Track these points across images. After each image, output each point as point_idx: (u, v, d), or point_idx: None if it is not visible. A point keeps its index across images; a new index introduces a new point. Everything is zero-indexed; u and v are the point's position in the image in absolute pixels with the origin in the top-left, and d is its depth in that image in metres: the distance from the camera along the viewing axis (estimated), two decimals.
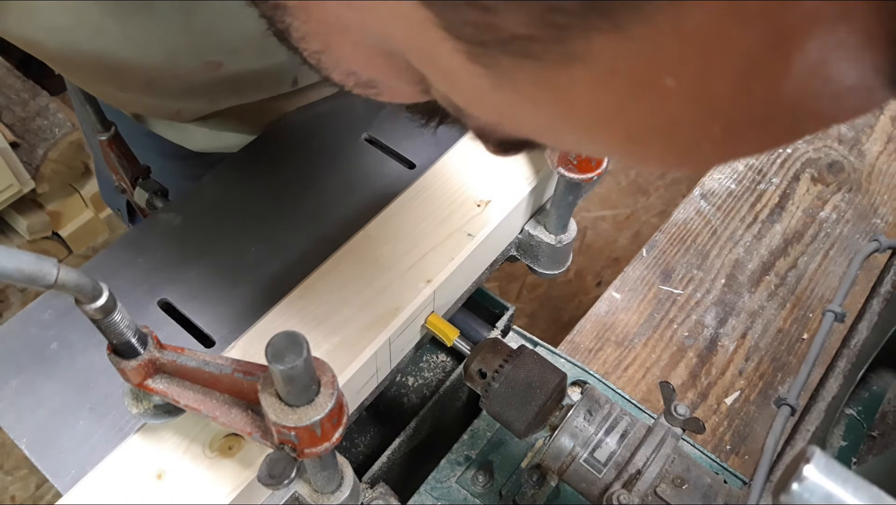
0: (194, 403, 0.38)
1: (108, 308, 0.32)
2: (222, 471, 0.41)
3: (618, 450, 0.49)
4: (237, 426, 0.37)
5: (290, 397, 0.32)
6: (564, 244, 0.58)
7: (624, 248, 2.02)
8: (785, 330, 0.87)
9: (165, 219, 0.56)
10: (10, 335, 0.50)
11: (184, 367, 0.37)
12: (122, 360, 0.36)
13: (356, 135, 0.62)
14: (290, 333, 0.30)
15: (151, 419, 0.40)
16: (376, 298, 0.49)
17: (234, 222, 0.56)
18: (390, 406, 0.67)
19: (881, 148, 1.05)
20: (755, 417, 0.80)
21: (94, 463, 0.42)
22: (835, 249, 0.94)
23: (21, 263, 0.26)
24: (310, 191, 0.58)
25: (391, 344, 0.49)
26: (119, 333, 0.34)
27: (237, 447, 0.42)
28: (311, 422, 0.33)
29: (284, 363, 0.30)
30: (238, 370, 0.36)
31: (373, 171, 0.60)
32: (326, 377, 0.33)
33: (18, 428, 0.46)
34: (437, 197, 0.54)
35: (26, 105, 1.70)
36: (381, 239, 0.52)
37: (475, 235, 0.52)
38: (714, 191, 1.00)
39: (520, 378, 0.50)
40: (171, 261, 0.54)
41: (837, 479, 0.27)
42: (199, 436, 0.42)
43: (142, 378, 0.37)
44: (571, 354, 0.83)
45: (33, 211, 1.76)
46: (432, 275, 0.50)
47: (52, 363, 0.48)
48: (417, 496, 0.62)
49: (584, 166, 0.50)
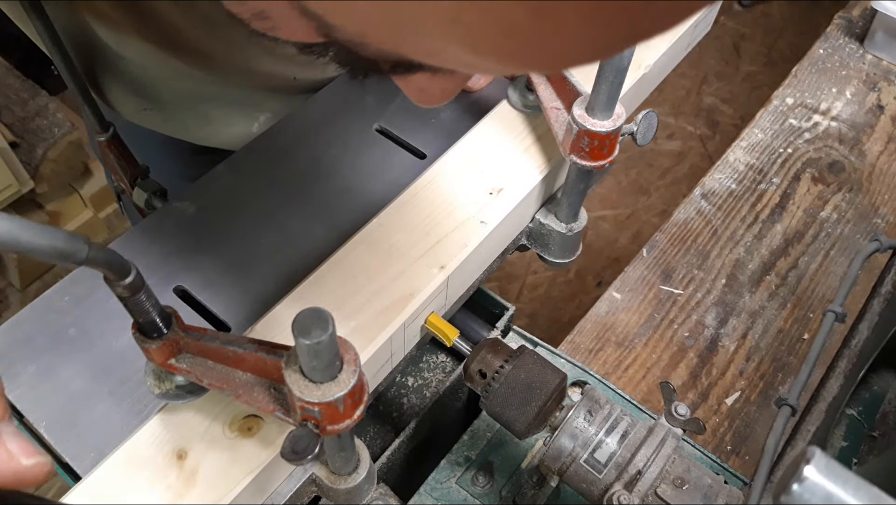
0: (217, 381, 0.38)
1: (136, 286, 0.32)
2: (242, 451, 0.42)
3: (618, 450, 0.48)
4: (260, 404, 0.37)
5: (315, 373, 0.33)
6: (575, 232, 0.58)
7: (624, 249, 2.02)
8: (785, 330, 0.87)
9: (179, 207, 0.57)
10: (29, 321, 0.50)
11: (207, 346, 0.38)
12: (146, 339, 0.36)
13: (367, 126, 0.63)
14: (316, 308, 0.31)
15: (173, 399, 0.41)
16: (390, 284, 0.49)
17: (248, 211, 0.57)
18: (390, 406, 0.67)
19: (882, 148, 1.05)
20: (756, 418, 0.80)
21: (112, 446, 0.42)
22: (835, 249, 0.94)
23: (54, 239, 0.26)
24: (322, 180, 0.59)
25: (406, 329, 0.49)
26: (145, 312, 0.35)
27: (256, 428, 0.43)
28: (334, 398, 0.33)
29: (311, 337, 0.30)
30: (261, 349, 0.37)
31: (384, 162, 0.61)
32: (349, 355, 0.34)
33: (37, 412, 0.47)
34: (449, 185, 0.55)
35: (26, 105, 1.70)
36: (394, 227, 0.52)
37: (488, 222, 0.53)
38: (714, 191, 1.00)
39: (520, 378, 0.50)
40: (186, 248, 0.55)
41: (838, 479, 0.27)
42: (220, 417, 0.43)
43: (166, 357, 0.38)
44: (571, 354, 0.83)
45: (32, 211, 1.76)
46: (446, 261, 0.50)
47: (71, 348, 0.49)
48: (417, 497, 0.62)
49: (597, 153, 0.50)
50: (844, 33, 1.18)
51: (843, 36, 1.18)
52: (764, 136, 1.06)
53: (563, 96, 0.54)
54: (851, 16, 1.20)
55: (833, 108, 1.09)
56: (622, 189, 2.15)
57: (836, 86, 1.11)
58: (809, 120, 1.08)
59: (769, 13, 2.64)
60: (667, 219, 0.98)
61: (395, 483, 0.57)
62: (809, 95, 1.10)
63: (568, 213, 0.57)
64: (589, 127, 0.48)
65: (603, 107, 0.48)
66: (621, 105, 0.49)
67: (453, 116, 0.64)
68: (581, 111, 0.49)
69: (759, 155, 1.04)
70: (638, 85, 0.63)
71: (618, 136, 0.49)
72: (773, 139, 1.06)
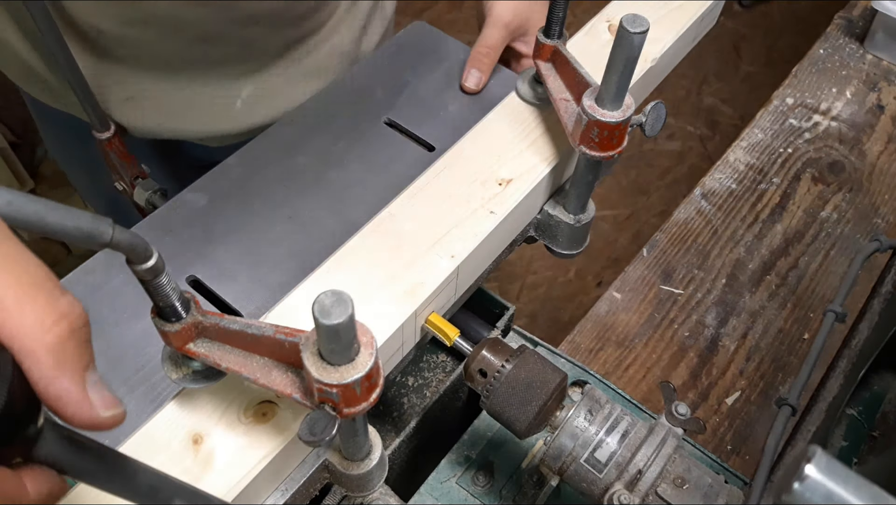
0: (235, 365, 0.38)
1: (158, 269, 0.33)
2: (257, 436, 0.42)
3: (618, 450, 0.48)
4: (278, 387, 0.38)
5: (333, 356, 0.33)
6: (583, 224, 0.59)
7: (624, 248, 2.02)
8: (786, 330, 0.87)
9: (192, 198, 0.57)
10: None
11: (225, 330, 0.38)
12: (166, 323, 0.37)
13: (377, 118, 0.64)
14: (336, 290, 0.31)
15: (190, 384, 0.41)
16: (402, 272, 0.50)
17: (259, 202, 0.58)
18: (390, 406, 0.67)
19: (882, 148, 1.05)
20: (756, 418, 0.80)
21: (126, 433, 0.42)
22: (836, 249, 0.94)
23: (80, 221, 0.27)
24: (332, 172, 0.60)
25: (416, 317, 0.50)
26: (165, 296, 0.35)
27: (271, 414, 0.43)
28: (352, 379, 0.34)
29: (331, 319, 0.31)
30: (279, 332, 0.37)
31: (394, 154, 0.61)
32: (366, 338, 0.35)
33: None
34: (458, 176, 0.55)
35: (25, 105, 1.70)
36: (404, 217, 0.53)
37: (497, 213, 0.53)
38: (715, 191, 1.00)
39: (520, 378, 0.50)
40: (198, 239, 0.55)
41: (838, 478, 0.27)
42: (234, 403, 0.43)
43: (184, 341, 0.38)
44: (572, 354, 0.83)
45: None
46: (456, 250, 0.51)
47: None
48: (417, 496, 0.62)
49: (606, 144, 0.50)
50: (844, 33, 1.18)
51: (844, 36, 1.18)
52: (764, 136, 1.06)
53: (573, 88, 0.54)
54: (851, 16, 1.20)
55: (833, 108, 1.09)
56: (622, 189, 2.15)
57: (836, 86, 1.11)
58: (809, 120, 1.08)
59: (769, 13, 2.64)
60: (667, 219, 0.98)
61: (395, 483, 0.57)
62: (809, 95, 1.10)
63: (576, 204, 0.58)
64: (599, 117, 0.48)
65: (613, 97, 0.48)
66: (630, 96, 0.49)
67: (461, 109, 0.65)
68: (591, 101, 0.49)
69: (760, 155, 1.04)
70: (645, 78, 0.63)
71: (627, 127, 0.50)
72: (773, 139, 1.06)
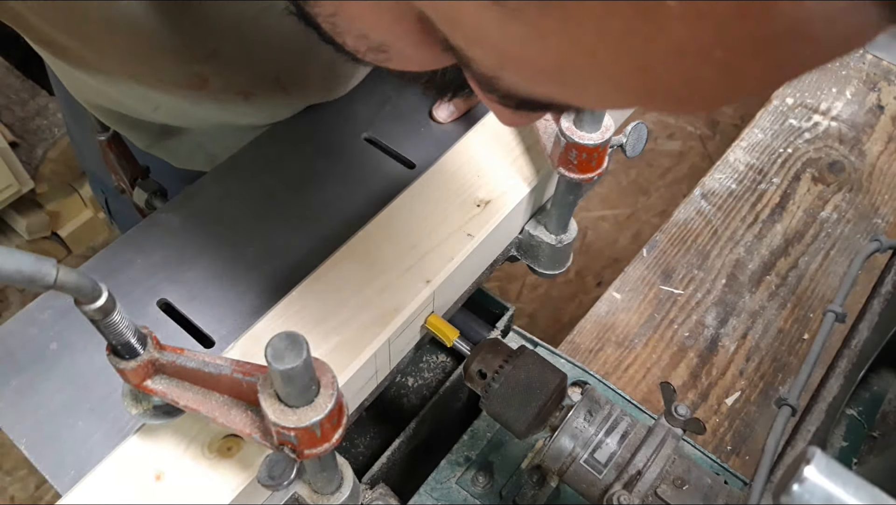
0: (194, 403, 0.37)
1: (108, 309, 0.32)
2: (221, 471, 0.41)
3: (618, 451, 0.48)
4: (237, 427, 0.37)
5: (290, 398, 0.32)
6: (565, 244, 0.58)
7: (624, 249, 2.02)
8: (786, 330, 0.87)
9: (164, 219, 0.56)
10: (10, 336, 0.50)
11: (183, 367, 0.37)
12: (121, 360, 0.35)
13: (356, 135, 0.62)
14: (290, 333, 0.30)
15: (151, 420, 0.40)
16: (376, 298, 0.48)
17: (234, 222, 0.56)
18: (390, 406, 0.67)
19: (882, 148, 1.05)
20: (756, 418, 0.80)
21: (93, 464, 0.41)
22: (835, 249, 0.94)
23: (20, 263, 0.25)
24: (309, 190, 0.58)
25: (390, 344, 0.48)
26: (118, 334, 0.34)
27: (236, 448, 0.42)
28: (310, 423, 0.32)
29: (284, 364, 0.29)
30: (237, 371, 0.36)
31: (373, 171, 0.60)
32: (326, 378, 0.33)
33: (18, 428, 0.46)
34: (436, 197, 0.54)
35: (25, 105, 1.70)
36: (380, 239, 0.52)
37: (475, 236, 0.52)
38: (715, 191, 1.00)
39: (520, 378, 0.50)
40: (171, 261, 0.53)
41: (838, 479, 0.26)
42: (199, 437, 0.42)
43: (141, 379, 0.37)
44: (571, 354, 0.83)
45: (32, 211, 1.76)
46: (432, 275, 0.50)
47: (52, 363, 0.48)
48: (417, 497, 0.62)
49: (585, 166, 0.49)
50: None
51: None
52: (764, 136, 1.06)
53: None
54: None
55: (833, 108, 1.09)
56: (622, 189, 2.15)
57: (836, 86, 1.11)
58: (809, 120, 1.08)
59: None
60: (667, 219, 0.98)
61: (395, 483, 0.57)
62: (809, 95, 1.10)
63: (557, 224, 0.57)
64: (577, 140, 0.48)
65: (591, 118, 0.47)
66: (610, 117, 0.48)
67: (442, 126, 0.64)
68: (569, 123, 0.48)
69: (759, 155, 1.04)
70: None
71: (606, 149, 0.49)
72: (773, 139, 1.06)
